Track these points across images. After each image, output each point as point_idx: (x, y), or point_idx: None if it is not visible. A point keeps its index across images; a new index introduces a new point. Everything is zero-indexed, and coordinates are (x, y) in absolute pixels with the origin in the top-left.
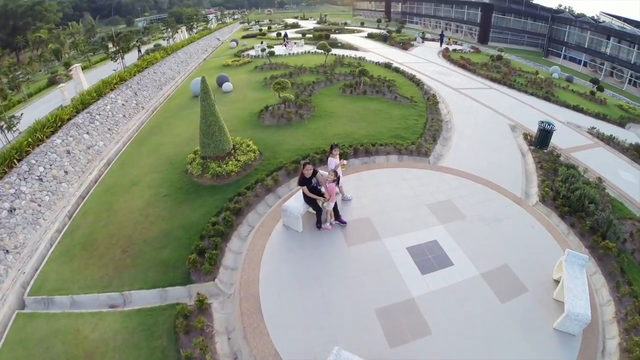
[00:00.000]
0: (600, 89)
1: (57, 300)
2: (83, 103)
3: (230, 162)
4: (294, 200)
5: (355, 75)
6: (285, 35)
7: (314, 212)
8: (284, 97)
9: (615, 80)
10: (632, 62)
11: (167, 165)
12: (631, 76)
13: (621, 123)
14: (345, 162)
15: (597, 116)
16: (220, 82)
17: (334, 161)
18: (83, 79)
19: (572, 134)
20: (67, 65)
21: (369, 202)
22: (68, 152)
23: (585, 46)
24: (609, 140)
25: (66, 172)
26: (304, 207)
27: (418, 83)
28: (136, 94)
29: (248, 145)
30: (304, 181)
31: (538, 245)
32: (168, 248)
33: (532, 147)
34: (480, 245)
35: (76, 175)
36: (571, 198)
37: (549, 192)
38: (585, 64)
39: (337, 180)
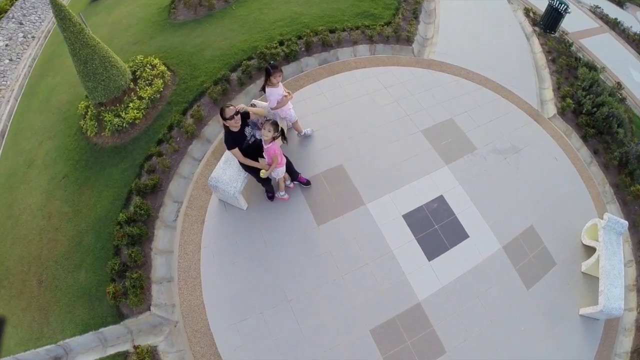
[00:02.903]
0: None
1: None
2: None
3: (131, 105)
4: (225, 167)
5: None
6: None
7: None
8: None
9: None
10: None
11: (60, 123)
12: None
13: (620, 2)
14: (291, 94)
15: None
16: None
17: (275, 93)
18: None
19: (576, 13)
20: None
21: (338, 134)
22: None
23: None
24: (614, 25)
25: None
26: (243, 177)
27: None
28: (22, 24)
29: (153, 67)
30: (232, 140)
31: (564, 189)
32: (83, 268)
33: (536, 29)
34: (500, 198)
35: None
36: (596, 115)
37: (571, 104)
38: None
39: (282, 135)
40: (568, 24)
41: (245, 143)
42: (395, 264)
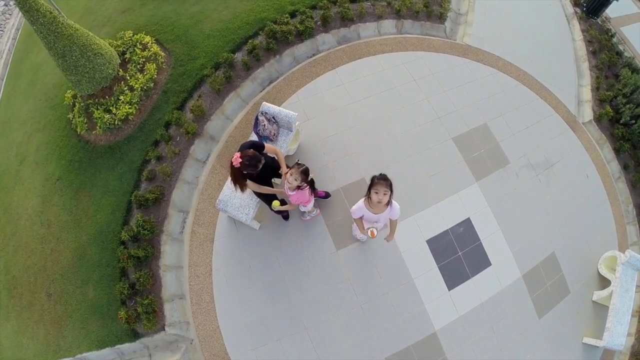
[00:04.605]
0: None
1: None
2: None
3: (122, 98)
4: (235, 188)
5: None
6: None
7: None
8: None
9: None
10: None
11: (48, 113)
12: None
13: None
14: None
15: None
16: None
17: (365, 213)
18: None
19: None
20: None
21: (360, 139)
22: None
23: None
24: None
25: None
26: (255, 202)
27: None
28: None
29: (144, 45)
30: (243, 176)
31: (591, 212)
32: (90, 284)
33: (577, 10)
34: (527, 222)
35: None
36: (633, 128)
37: (609, 112)
38: None
39: (311, 186)
40: (609, 8)
41: (256, 172)
42: (415, 293)
